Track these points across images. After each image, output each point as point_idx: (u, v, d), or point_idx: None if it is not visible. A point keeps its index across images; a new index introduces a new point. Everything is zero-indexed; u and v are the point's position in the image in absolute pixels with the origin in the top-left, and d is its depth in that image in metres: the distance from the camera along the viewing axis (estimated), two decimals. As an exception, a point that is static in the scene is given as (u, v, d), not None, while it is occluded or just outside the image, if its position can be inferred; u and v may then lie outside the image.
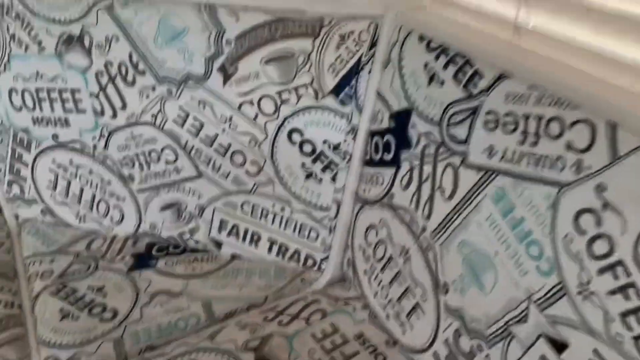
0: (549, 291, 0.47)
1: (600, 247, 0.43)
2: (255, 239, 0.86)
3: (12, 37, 0.81)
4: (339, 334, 0.70)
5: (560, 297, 0.46)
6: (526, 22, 0.62)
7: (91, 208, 0.91)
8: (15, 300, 0.81)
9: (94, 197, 0.90)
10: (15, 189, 0.94)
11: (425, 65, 0.61)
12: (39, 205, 0.94)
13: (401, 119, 0.66)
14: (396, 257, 0.69)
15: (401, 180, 0.67)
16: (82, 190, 0.90)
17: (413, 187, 0.64)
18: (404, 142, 0.66)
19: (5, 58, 0.83)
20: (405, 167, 0.66)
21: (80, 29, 0.78)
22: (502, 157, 0.52)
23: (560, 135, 0.46)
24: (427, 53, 0.61)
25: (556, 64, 0.56)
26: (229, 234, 0.87)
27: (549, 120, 0.48)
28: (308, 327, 0.71)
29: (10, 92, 0.85)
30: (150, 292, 0.80)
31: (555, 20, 0.58)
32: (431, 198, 0.61)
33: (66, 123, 0.85)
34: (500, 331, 0.53)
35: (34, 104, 0.85)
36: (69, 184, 0.90)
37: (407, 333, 0.66)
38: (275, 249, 0.85)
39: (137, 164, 0.85)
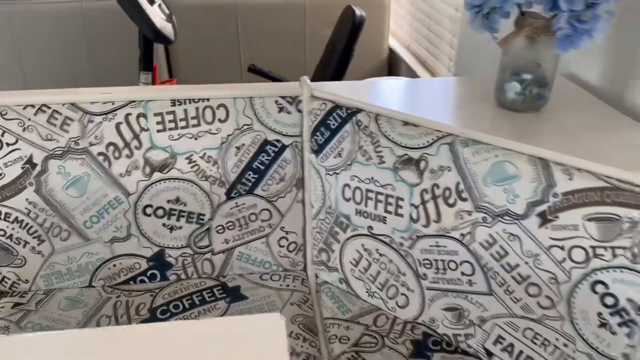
0: None
1: None
2: (528, 362, 0.90)
3: (360, 148, 1.00)
4: None
5: None
6: None
7: (381, 289, 1.06)
8: (318, 355, 0.97)
9: (387, 280, 1.04)
10: (323, 256, 1.13)
11: None
12: (339, 274, 1.12)
13: None
14: None
15: None
16: (378, 273, 1.05)
17: None
18: None
19: (350, 162, 1.02)
20: None
21: (420, 155, 0.93)
22: None
23: None
24: None
25: None
26: (503, 349, 0.92)
27: None
28: None
29: (344, 186, 1.04)
30: (429, 384, 0.90)
31: None
32: None
33: (383, 220, 1.01)
34: None
35: (361, 200, 1.02)
36: (369, 265, 1.06)
37: None
38: (547, 377, 0.89)
39: (433, 267, 0.97)
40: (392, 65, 2.56)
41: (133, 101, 1.03)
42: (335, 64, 1.91)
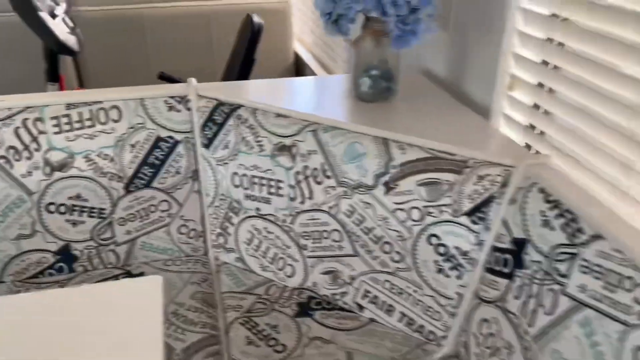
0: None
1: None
2: (389, 310, 1.07)
3: (243, 139, 1.13)
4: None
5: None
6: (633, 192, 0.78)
7: (272, 262, 1.19)
8: (214, 324, 1.09)
9: (276, 254, 1.18)
10: (221, 240, 1.26)
11: (542, 212, 0.79)
12: (235, 254, 1.24)
13: (519, 245, 0.84)
14: (502, 349, 0.86)
15: (513, 292, 0.84)
16: (268, 249, 1.19)
17: (522, 299, 0.81)
18: (519, 263, 0.83)
19: (235, 152, 1.15)
20: (517, 282, 0.83)
21: (292, 142, 1.07)
22: (591, 295, 0.68)
23: (630, 290, 0.62)
24: (545, 203, 0.79)
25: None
26: (371, 302, 1.09)
27: (626, 278, 0.64)
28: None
29: (233, 174, 1.17)
30: (310, 336, 1.05)
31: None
32: (535, 311, 0.78)
33: (267, 202, 1.15)
34: None
35: (248, 185, 1.16)
36: (260, 242, 1.19)
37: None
38: (405, 320, 1.05)
39: (311, 238, 1.12)
40: (299, 69, 2.72)
41: (29, 107, 1.10)
42: (238, 69, 2.03)
